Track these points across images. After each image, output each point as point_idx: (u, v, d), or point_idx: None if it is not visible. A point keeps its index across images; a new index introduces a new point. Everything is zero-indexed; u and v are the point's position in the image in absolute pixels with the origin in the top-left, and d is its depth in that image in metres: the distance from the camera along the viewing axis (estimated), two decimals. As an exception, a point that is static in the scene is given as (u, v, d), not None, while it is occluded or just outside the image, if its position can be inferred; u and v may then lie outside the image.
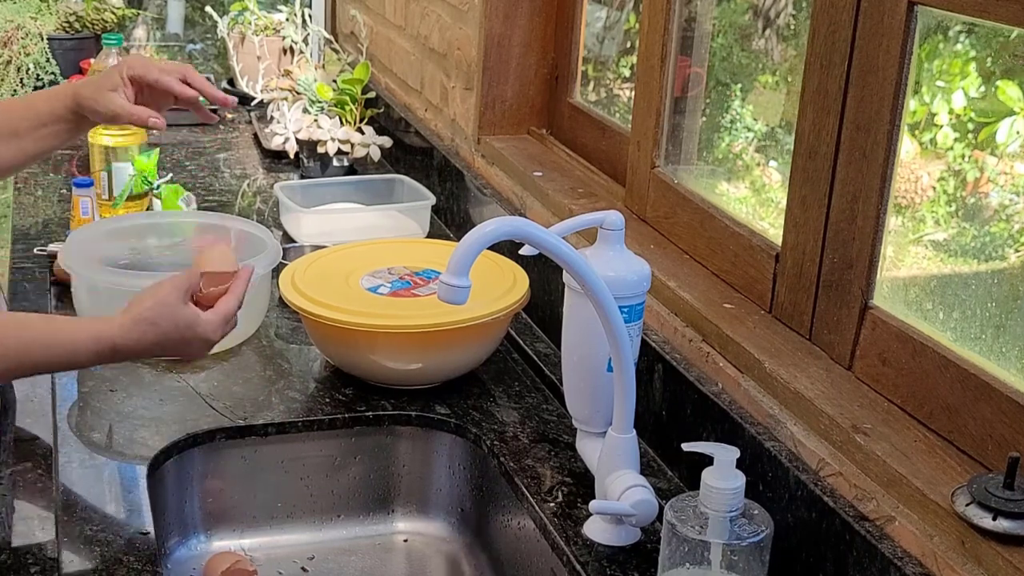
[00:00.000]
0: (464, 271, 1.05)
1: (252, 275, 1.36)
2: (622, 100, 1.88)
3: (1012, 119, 1.12)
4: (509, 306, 1.50)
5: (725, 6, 1.61)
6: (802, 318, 1.28)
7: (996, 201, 1.17)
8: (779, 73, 1.52)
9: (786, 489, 1.15)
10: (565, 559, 1.23)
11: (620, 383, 1.18)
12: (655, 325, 1.43)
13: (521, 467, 1.38)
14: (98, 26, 2.65)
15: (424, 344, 1.47)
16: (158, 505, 1.36)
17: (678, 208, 1.53)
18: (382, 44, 2.57)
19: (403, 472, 1.51)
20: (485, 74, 1.96)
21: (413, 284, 1.55)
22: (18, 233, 1.97)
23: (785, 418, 1.19)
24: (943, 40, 1.19)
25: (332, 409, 1.48)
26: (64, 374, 1.51)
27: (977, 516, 0.95)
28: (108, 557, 1.18)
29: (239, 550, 1.44)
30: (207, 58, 4.01)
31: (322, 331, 1.51)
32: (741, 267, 1.39)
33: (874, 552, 1.03)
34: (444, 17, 2.14)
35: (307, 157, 2.32)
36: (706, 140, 1.62)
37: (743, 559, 1.05)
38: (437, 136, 2.22)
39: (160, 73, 1.51)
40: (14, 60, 2.52)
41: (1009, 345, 1.08)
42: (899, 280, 1.23)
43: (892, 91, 1.13)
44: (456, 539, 1.50)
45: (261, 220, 2.07)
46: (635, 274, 1.24)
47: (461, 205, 2.03)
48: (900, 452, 1.07)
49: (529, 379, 1.59)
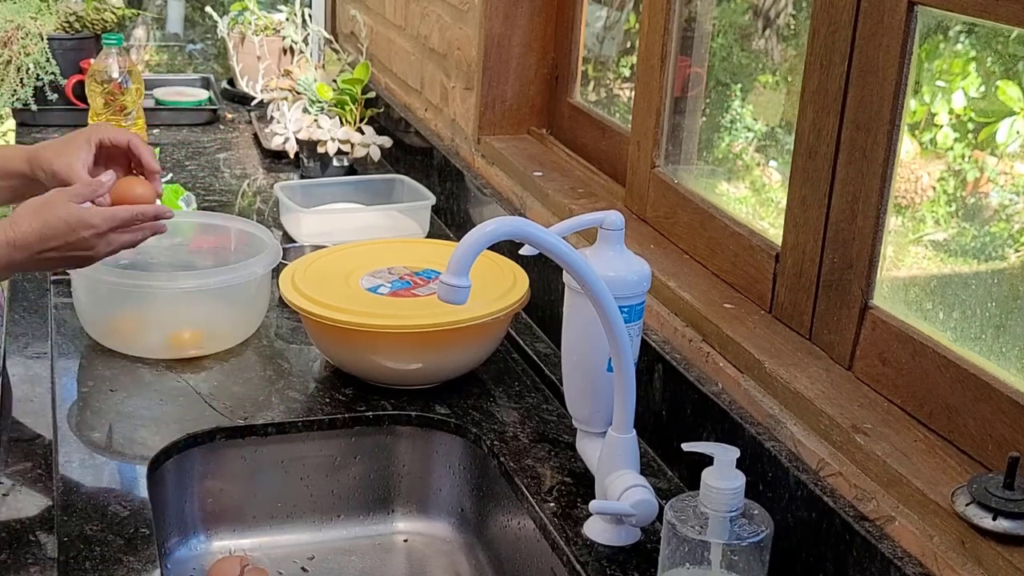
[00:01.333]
0: (464, 271, 1.05)
1: (163, 213, 1.38)
2: (622, 100, 1.88)
3: (1012, 119, 1.12)
4: (509, 306, 1.50)
5: (725, 6, 1.61)
6: (802, 318, 1.28)
7: (996, 201, 1.17)
8: (779, 73, 1.52)
9: (786, 489, 1.15)
10: (565, 559, 1.23)
11: (620, 383, 1.18)
12: (655, 325, 1.43)
13: (521, 467, 1.38)
14: (98, 26, 2.65)
15: (424, 344, 1.47)
16: (158, 505, 1.36)
17: (678, 208, 1.53)
18: (382, 44, 2.57)
19: (403, 472, 1.51)
20: (485, 74, 1.96)
21: (413, 284, 1.55)
22: (18, 233, 1.97)
23: (785, 418, 1.19)
24: (943, 40, 1.19)
25: (332, 409, 1.48)
26: (64, 372, 1.52)
27: (977, 516, 0.95)
28: (108, 557, 1.18)
29: (239, 550, 1.44)
30: (207, 58, 4.01)
31: (322, 331, 1.51)
32: (741, 267, 1.39)
33: (874, 552, 1.03)
34: (444, 17, 2.14)
35: (307, 157, 2.32)
36: (706, 140, 1.62)
37: (743, 559, 1.05)
38: (437, 136, 2.22)
39: (133, 137, 1.47)
40: (14, 60, 2.52)
41: (1009, 345, 1.08)
42: (899, 280, 1.23)
43: (892, 91, 1.13)
44: (456, 539, 1.50)
45: (261, 220, 2.07)
46: (635, 274, 1.24)
47: (461, 205, 2.03)
48: (900, 452, 1.07)
49: (529, 379, 1.59)
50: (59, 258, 1.33)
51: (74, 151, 1.41)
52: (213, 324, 1.61)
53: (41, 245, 1.30)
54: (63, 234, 1.30)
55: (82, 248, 1.32)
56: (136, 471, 1.34)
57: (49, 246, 1.30)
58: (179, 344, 1.58)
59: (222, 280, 1.57)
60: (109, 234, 1.33)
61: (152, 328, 1.59)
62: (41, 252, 1.30)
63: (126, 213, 1.34)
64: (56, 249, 1.30)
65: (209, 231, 1.76)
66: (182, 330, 1.59)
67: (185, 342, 1.58)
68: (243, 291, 1.60)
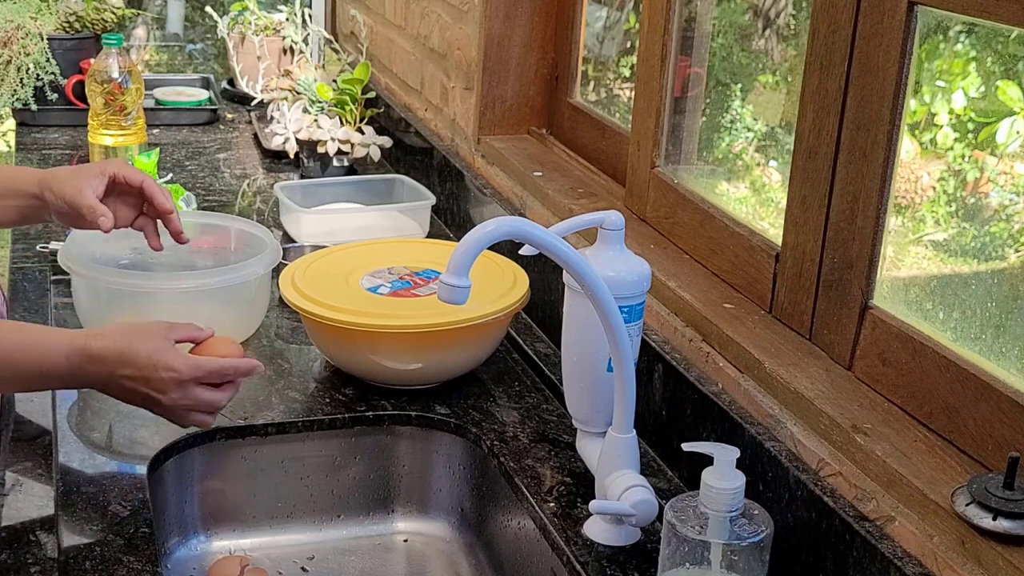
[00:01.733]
0: (464, 271, 1.05)
1: (254, 368, 1.27)
2: (622, 100, 1.88)
3: (1012, 119, 1.12)
4: (509, 306, 1.50)
5: (725, 6, 1.61)
6: (802, 318, 1.28)
7: (996, 201, 1.17)
8: (779, 73, 1.52)
9: (786, 489, 1.15)
10: (565, 559, 1.23)
11: (620, 383, 1.18)
12: (655, 325, 1.43)
13: (521, 467, 1.38)
14: (98, 26, 2.65)
15: (424, 344, 1.47)
16: (158, 505, 1.36)
17: (678, 208, 1.53)
18: (382, 44, 2.57)
19: (403, 472, 1.51)
20: (485, 74, 1.96)
21: (413, 284, 1.55)
22: (18, 232, 1.97)
23: (785, 418, 1.19)
24: (943, 40, 1.19)
25: (332, 409, 1.48)
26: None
27: (977, 516, 0.95)
28: (108, 557, 1.18)
29: (239, 550, 1.44)
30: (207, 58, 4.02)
31: (322, 331, 1.51)
32: (741, 267, 1.39)
33: (874, 552, 1.03)
34: (444, 17, 2.14)
35: (307, 157, 2.32)
36: (706, 140, 1.62)
37: (743, 559, 1.05)
38: (437, 136, 2.22)
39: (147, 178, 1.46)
40: (14, 60, 2.52)
41: (1009, 345, 1.08)
42: (899, 280, 1.23)
43: (892, 91, 1.13)
44: (456, 539, 1.50)
45: (261, 220, 2.07)
46: (635, 274, 1.24)
47: (461, 205, 2.03)
48: (900, 452, 1.07)
49: (529, 379, 1.59)
50: (131, 389, 1.22)
51: (86, 178, 1.41)
52: (213, 324, 1.60)
53: (119, 367, 1.21)
54: (143, 365, 1.21)
55: (157, 389, 1.21)
56: (136, 471, 1.34)
57: (125, 372, 1.21)
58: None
59: (222, 280, 1.57)
60: (190, 384, 1.22)
61: (152, 328, 1.59)
62: (116, 373, 1.21)
63: (211, 364, 1.24)
64: (131, 379, 1.21)
65: (209, 231, 1.76)
66: (182, 330, 1.59)
67: (185, 342, 1.58)
68: (243, 291, 1.60)
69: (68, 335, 1.22)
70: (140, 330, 1.24)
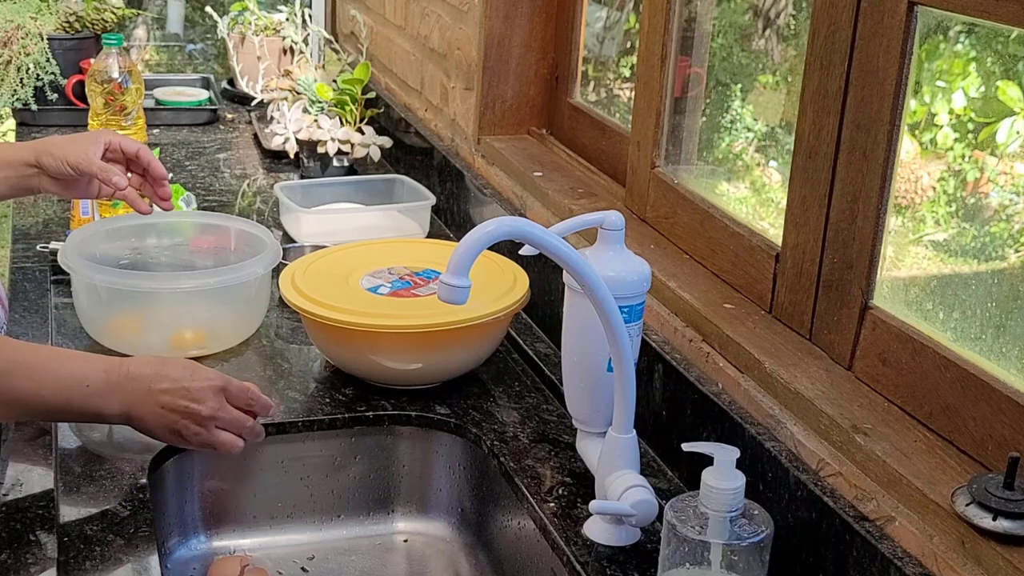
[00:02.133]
0: (464, 271, 1.05)
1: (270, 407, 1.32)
2: (622, 100, 1.88)
3: (1012, 119, 1.12)
4: (509, 306, 1.50)
5: (725, 6, 1.61)
6: (802, 318, 1.28)
7: (996, 201, 1.17)
8: (779, 73, 1.52)
9: (786, 489, 1.15)
10: (565, 559, 1.23)
11: (620, 383, 1.18)
12: (655, 325, 1.43)
13: (521, 467, 1.38)
14: (98, 26, 2.65)
15: (424, 344, 1.47)
16: (158, 505, 1.36)
17: (678, 208, 1.53)
18: (382, 44, 2.57)
19: (403, 472, 1.51)
20: (485, 74, 1.96)
21: (413, 284, 1.55)
22: (18, 232, 1.97)
23: (785, 418, 1.19)
24: (943, 40, 1.19)
25: (332, 409, 1.48)
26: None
27: (977, 516, 0.95)
28: (108, 557, 1.18)
29: (239, 550, 1.44)
30: (207, 58, 4.02)
31: (322, 331, 1.51)
32: (741, 267, 1.39)
33: (874, 552, 1.03)
34: (444, 17, 2.14)
35: (307, 157, 2.32)
36: (706, 140, 1.62)
37: (743, 559, 1.05)
38: (437, 136, 2.22)
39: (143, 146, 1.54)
40: (14, 60, 2.52)
41: (1009, 345, 1.08)
42: (899, 280, 1.23)
43: (892, 91, 1.13)
44: (456, 539, 1.50)
45: (261, 220, 2.07)
46: (635, 274, 1.24)
47: (461, 205, 2.03)
48: (900, 452, 1.07)
49: (529, 379, 1.59)
50: (169, 404, 1.23)
51: (87, 144, 1.47)
52: (213, 324, 1.61)
53: (156, 381, 1.23)
54: (180, 376, 1.24)
55: (197, 398, 1.23)
56: (136, 471, 1.34)
57: (163, 386, 1.23)
58: (181, 344, 1.58)
59: (222, 280, 1.57)
60: (223, 395, 1.26)
61: (152, 328, 1.59)
62: (154, 387, 1.23)
63: (238, 382, 1.28)
64: (170, 392, 1.23)
65: (209, 231, 1.76)
66: (184, 330, 1.59)
67: (187, 342, 1.58)
68: (243, 291, 1.60)
69: (106, 357, 1.26)
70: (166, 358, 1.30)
